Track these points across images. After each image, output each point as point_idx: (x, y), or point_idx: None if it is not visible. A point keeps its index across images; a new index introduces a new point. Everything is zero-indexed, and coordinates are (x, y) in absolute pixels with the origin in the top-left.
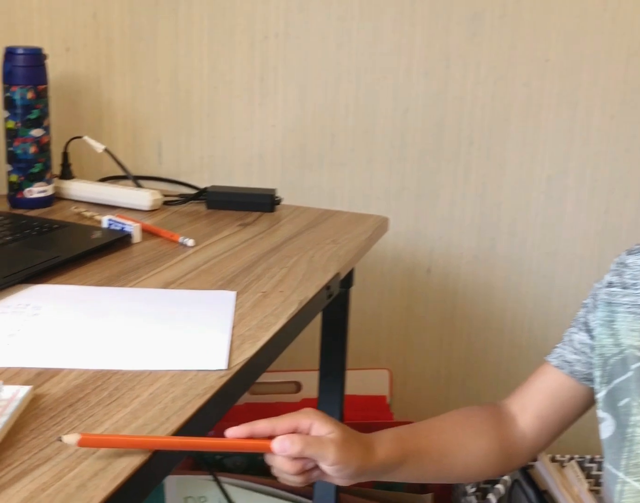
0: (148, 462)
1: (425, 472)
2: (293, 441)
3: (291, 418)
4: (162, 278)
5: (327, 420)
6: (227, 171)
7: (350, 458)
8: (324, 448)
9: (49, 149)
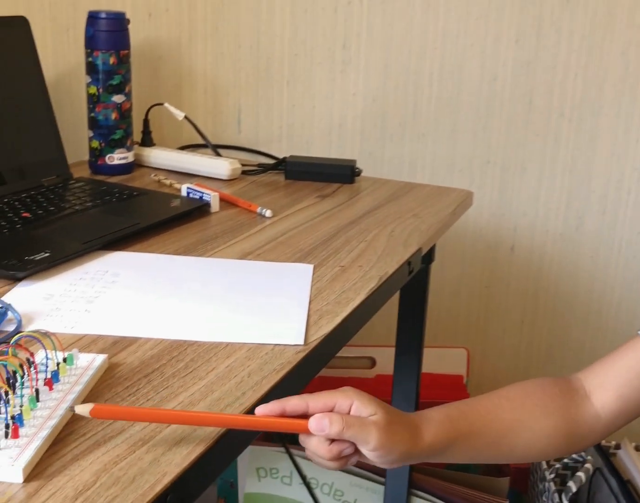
0: (222, 438)
1: (479, 454)
2: (332, 420)
3: (327, 396)
4: (239, 248)
5: (368, 400)
6: (306, 141)
7: (394, 443)
8: (365, 431)
9: (130, 115)
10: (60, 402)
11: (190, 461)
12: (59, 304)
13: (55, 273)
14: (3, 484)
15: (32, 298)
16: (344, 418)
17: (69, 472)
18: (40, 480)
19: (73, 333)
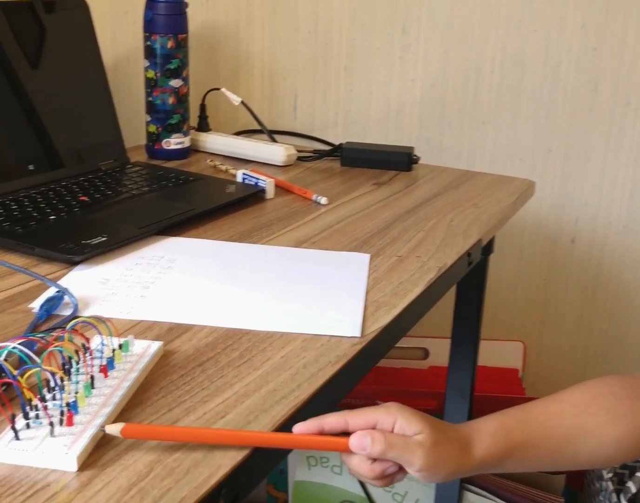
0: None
1: (537, 464)
2: (375, 439)
3: (369, 412)
4: (294, 236)
5: (413, 417)
6: (362, 127)
7: (441, 463)
8: (409, 452)
9: (187, 100)
10: (115, 389)
11: (245, 454)
12: (115, 289)
13: (112, 258)
14: (57, 472)
15: (88, 282)
16: (387, 437)
17: (123, 461)
18: (94, 470)
19: (128, 319)
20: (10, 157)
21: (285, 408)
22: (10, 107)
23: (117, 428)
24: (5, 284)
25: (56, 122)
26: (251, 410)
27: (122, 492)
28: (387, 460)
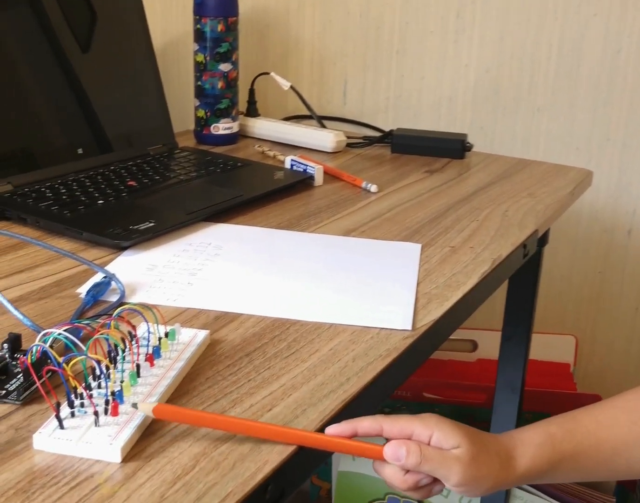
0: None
1: (587, 474)
2: (410, 450)
3: (405, 421)
4: (343, 224)
5: (451, 430)
6: (413, 113)
7: (480, 477)
8: (446, 466)
9: (236, 84)
10: (161, 379)
11: (293, 449)
12: (162, 276)
13: (159, 244)
14: (101, 463)
15: (135, 268)
16: (423, 450)
17: (168, 454)
18: (139, 461)
19: (175, 306)
20: (59, 141)
21: (334, 402)
22: (61, 90)
23: (150, 407)
24: (53, 268)
25: (105, 106)
26: (299, 404)
27: (167, 485)
28: (420, 472)
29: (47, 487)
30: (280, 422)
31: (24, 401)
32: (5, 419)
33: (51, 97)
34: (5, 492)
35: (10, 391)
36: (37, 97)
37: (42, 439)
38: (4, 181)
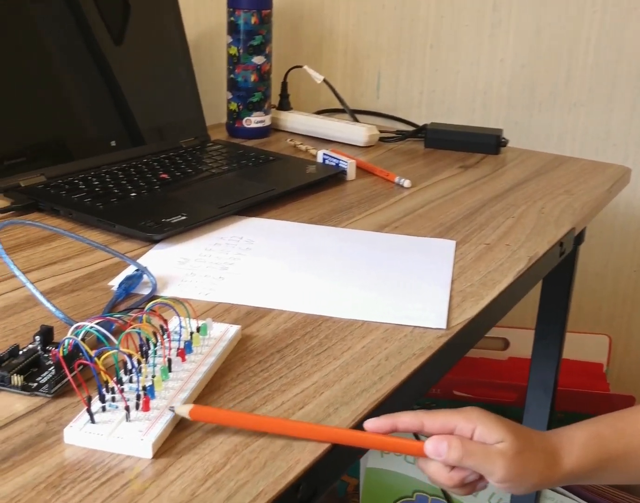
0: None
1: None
2: (451, 445)
3: (446, 415)
4: (375, 219)
5: (495, 424)
6: (447, 108)
7: (525, 473)
8: (489, 462)
9: (269, 78)
10: (192, 374)
11: (325, 448)
12: (194, 270)
13: (191, 237)
14: (131, 459)
15: (167, 261)
16: (465, 444)
17: (199, 450)
18: (169, 458)
19: (207, 301)
20: (93, 133)
21: (367, 401)
22: (95, 83)
23: (186, 409)
24: (85, 260)
25: (139, 98)
26: (331, 402)
27: (198, 482)
28: (466, 468)
29: (78, 481)
30: (312, 420)
31: (56, 395)
32: (36, 412)
33: (85, 90)
34: (36, 486)
35: (42, 384)
36: (71, 89)
37: (73, 433)
38: (38, 172)
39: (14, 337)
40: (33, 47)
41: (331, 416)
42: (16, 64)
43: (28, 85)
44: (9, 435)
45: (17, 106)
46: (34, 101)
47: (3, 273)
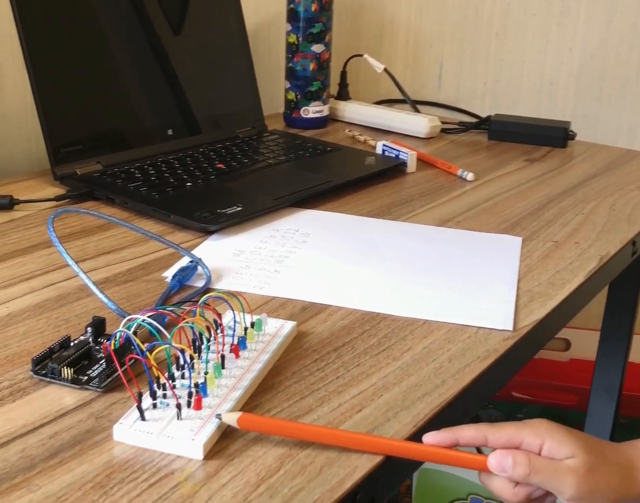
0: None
1: None
2: (517, 461)
3: (512, 429)
4: (437, 213)
5: (565, 438)
6: (512, 99)
7: (598, 491)
8: (558, 479)
9: (328, 66)
10: (246, 372)
11: (384, 455)
12: (249, 262)
13: (246, 228)
14: (182, 459)
15: (222, 253)
16: (532, 460)
17: (252, 453)
18: (221, 460)
19: (261, 295)
20: (150, 122)
21: (429, 406)
22: (152, 71)
23: (234, 418)
24: (139, 250)
25: (196, 87)
26: (390, 406)
27: (250, 487)
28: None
29: (126, 482)
30: (370, 425)
31: (106, 389)
32: (86, 407)
33: (142, 78)
34: (83, 485)
35: (92, 377)
36: (128, 78)
37: (122, 430)
38: (94, 160)
39: (66, 328)
40: (92, 35)
41: (391, 421)
42: (76, 53)
43: (87, 74)
44: (57, 430)
45: (75, 93)
46: (93, 89)
47: (56, 262)
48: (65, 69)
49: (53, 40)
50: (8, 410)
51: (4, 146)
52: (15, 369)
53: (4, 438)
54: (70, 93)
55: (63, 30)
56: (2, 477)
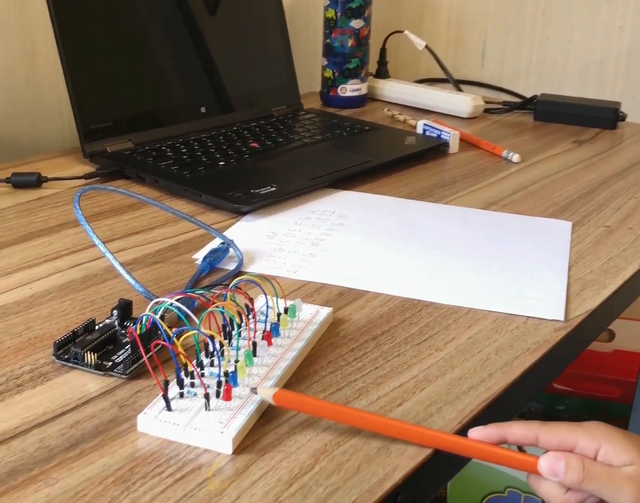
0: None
1: None
2: (570, 465)
3: (566, 431)
4: (481, 196)
5: (623, 443)
6: (558, 79)
7: None
8: (615, 487)
9: (367, 43)
10: (279, 360)
11: (427, 453)
12: (282, 245)
13: (280, 210)
14: (209, 453)
15: (254, 234)
16: (586, 465)
17: (284, 448)
18: (251, 454)
19: (295, 279)
20: (182, 99)
21: (475, 401)
22: (186, 47)
23: (270, 393)
24: (169, 231)
25: (231, 64)
26: (433, 400)
27: (282, 485)
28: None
29: (150, 477)
30: (412, 420)
31: (131, 376)
32: (109, 394)
33: (176, 55)
34: (104, 479)
35: (117, 363)
36: (161, 54)
37: (147, 421)
38: (125, 138)
39: (91, 310)
40: (125, 10)
41: (434, 416)
42: (107, 28)
43: (119, 49)
44: (79, 419)
45: (107, 69)
46: (125, 65)
47: (84, 242)
48: (97, 44)
49: (84, 15)
50: (28, 396)
51: (37, 125)
52: (37, 353)
53: (22, 427)
54: (101, 69)
55: (95, 5)
56: (19, 468)
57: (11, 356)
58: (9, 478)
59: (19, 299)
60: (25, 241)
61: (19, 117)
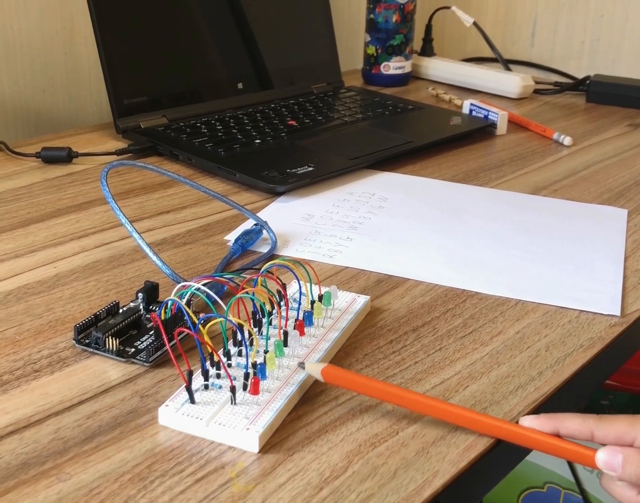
0: None
1: None
2: (628, 459)
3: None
4: (530, 180)
5: None
6: (612, 59)
7: None
8: None
9: (412, 19)
10: (312, 351)
11: (471, 459)
12: (319, 228)
13: (317, 191)
14: (234, 451)
15: (289, 216)
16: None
17: (315, 448)
18: (279, 454)
19: (331, 264)
20: (219, 74)
21: (523, 401)
22: (224, 21)
23: (318, 368)
24: (201, 211)
25: (270, 39)
26: (478, 399)
27: (312, 490)
28: None
29: (169, 475)
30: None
31: (154, 364)
32: (130, 383)
33: (213, 28)
34: (120, 476)
35: (140, 350)
36: (198, 28)
37: (168, 414)
38: (159, 114)
39: (116, 292)
40: None
41: None
42: (143, 2)
43: (154, 23)
44: (96, 409)
45: (141, 43)
46: (159, 38)
47: (112, 220)
48: (131, 18)
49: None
50: (45, 383)
51: (75, 99)
52: (57, 337)
53: (37, 416)
54: (136, 43)
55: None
56: (31, 461)
57: (30, 340)
58: (19, 472)
59: (42, 278)
60: (52, 218)
61: (56, 92)
